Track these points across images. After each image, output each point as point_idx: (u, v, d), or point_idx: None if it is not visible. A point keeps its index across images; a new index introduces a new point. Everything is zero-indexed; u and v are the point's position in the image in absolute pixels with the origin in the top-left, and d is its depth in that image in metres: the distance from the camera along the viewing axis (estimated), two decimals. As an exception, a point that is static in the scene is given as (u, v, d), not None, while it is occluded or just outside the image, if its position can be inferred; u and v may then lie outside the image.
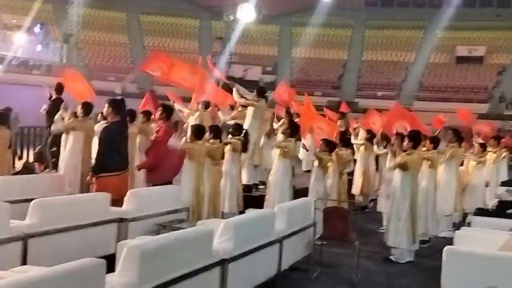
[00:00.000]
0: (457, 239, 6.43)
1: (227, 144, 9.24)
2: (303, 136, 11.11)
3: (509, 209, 9.37)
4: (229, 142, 9.32)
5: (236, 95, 11.21)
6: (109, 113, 7.91)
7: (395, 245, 8.32)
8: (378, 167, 11.86)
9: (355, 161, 12.08)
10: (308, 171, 10.72)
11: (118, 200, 7.15)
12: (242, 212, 8.86)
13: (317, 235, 7.63)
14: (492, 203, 10.77)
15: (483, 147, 11.99)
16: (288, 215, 6.85)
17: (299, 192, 9.71)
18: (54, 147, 10.55)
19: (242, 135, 9.54)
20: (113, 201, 6.98)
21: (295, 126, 9.92)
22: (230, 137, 9.59)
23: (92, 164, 8.39)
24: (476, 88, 33.96)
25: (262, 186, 10.91)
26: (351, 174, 11.77)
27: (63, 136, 9.46)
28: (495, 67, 35.34)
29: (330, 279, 7.36)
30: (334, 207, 8.41)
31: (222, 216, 8.83)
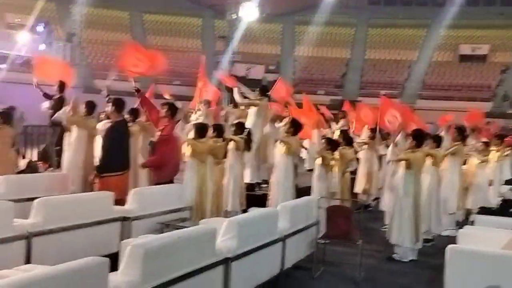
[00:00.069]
0: (460, 237, 6.43)
1: (230, 141, 9.24)
2: (308, 137, 11.10)
3: (512, 207, 9.36)
4: (232, 138, 9.31)
5: (237, 96, 11.19)
6: (112, 112, 7.93)
7: (398, 243, 8.32)
8: (381, 166, 11.88)
9: (357, 160, 12.07)
10: (311, 170, 10.70)
11: (120, 200, 7.16)
12: (245, 211, 8.87)
13: (320, 234, 7.64)
14: (496, 202, 10.75)
15: (487, 145, 11.97)
16: (291, 214, 6.85)
17: (302, 191, 9.70)
18: (57, 146, 10.58)
19: (245, 134, 9.53)
20: (115, 200, 6.99)
21: (297, 125, 9.91)
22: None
23: (95, 163, 8.40)
24: (479, 86, 33.91)
25: (265, 185, 10.92)
26: (354, 173, 11.76)
27: (66, 135, 9.48)
28: (498, 65, 35.26)
29: (333, 277, 7.36)
30: (337, 205, 8.40)
31: (225, 215, 8.85)
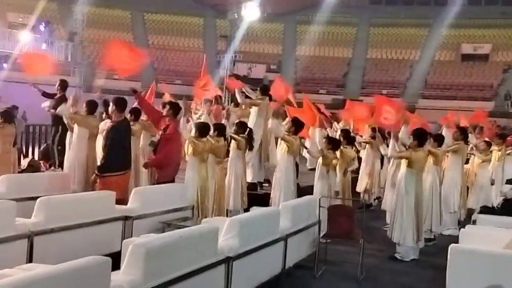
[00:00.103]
0: (462, 237, 6.41)
1: (232, 139, 9.24)
2: (305, 135, 11.08)
3: (514, 207, 9.33)
4: (234, 137, 9.31)
5: (239, 95, 11.19)
6: (113, 111, 7.93)
7: (400, 242, 8.32)
8: (383, 166, 11.89)
9: (359, 159, 12.07)
10: (313, 169, 10.70)
11: (121, 199, 7.15)
12: (246, 210, 8.87)
13: (322, 233, 7.63)
14: (498, 201, 10.73)
15: (488, 145, 11.95)
16: (292, 213, 6.86)
17: (304, 190, 9.71)
18: (59, 145, 10.59)
19: (246, 133, 9.53)
20: (116, 200, 6.98)
21: (299, 124, 9.90)
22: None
23: (97, 163, 8.40)
24: (481, 86, 33.87)
25: (266, 184, 10.92)
26: (355, 172, 11.75)
27: (68, 134, 9.48)
28: (500, 65, 35.22)
29: (334, 277, 7.37)
30: (339, 205, 8.41)
31: (227, 214, 8.85)
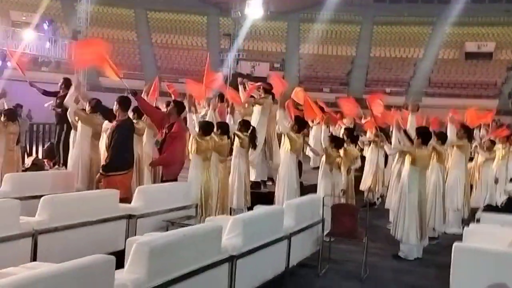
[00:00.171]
0: (466, 235, 6.40)
1: (235, 136, 9.25)
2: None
3: (518, 205, 9.34)
4: (238, 134, 9.32)
5: (242, 94, 11.19)
6: (117, 110, 7.93)
7: (403, 240, 8.31)
8: (387, 164, 11.86)
9: (362, 158, 12.06)
10: (316, 168, 10.70)
11: (124, 198, 7.16)
12: (250, 208, 8.87)
13: (325, 232, 7.63)
14: (502, 200, 10.73)
15: (492, 143, 11.94)
16: (296, 212, 6.85)
17: (308, 189, 9.70)
18: (63, 144, 10.59)
19: (249, 132, 9.53)
20: (120, 199, 6.98)
21: (302, 122, 9.90)
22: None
23: (101, 161, 8.40)
24: (485, 84, 33.82)
25: (270, 183, 10.92)
26: (359, 170, 11.74)
27: (72, 132, 9.48)
28: (504, 63, 35.16)
29: (338, 275, 7.36)
30: (342, 203, 8.40)
31: (230, 212, 8.86)
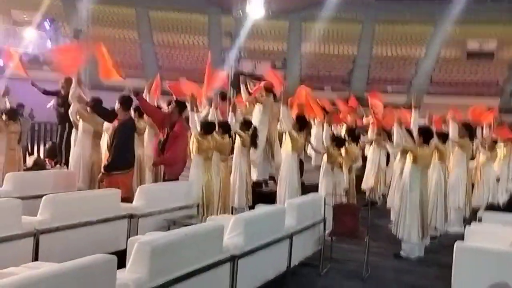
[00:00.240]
0: (467, 234, 6.40)
1: (236, 135, 9.24)
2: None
3: (520, 204, 9.33)
4: (239, 133, 9.32)
5: (244, 93, 11.19)
6: (118, 110, 7.94)
7: (405, 239, 8.30)
8: (389, 163, 11.86)
9: (364, 157, 12.07)
10: (318, 167, 10.70)
11: (125, 198, 7.17)
12: (252, 207, 8.88)
13: (327, 231, 7.63)
14: (503, 199, 10.72)
15: (494, 142, 11.93)
16: (298, 211, 6.85)
17: (309, 188, 9.70)
18: (65, 143, 10.61)
19: (250, 131, 9.53)
20: (121, 199, 6.99)
21: (303, 121, 9.90)
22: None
23: (102, 160, 8.41)
24: (487, 82, 33.74)
25: (272, 182, 10.92)
26: (361, 170, 11.74)
27: (73, 132, 9.50)
28: (506, 61, 35.08)
29: (339, 274, 7.36)
30: (344, 203, 8.40)
31: (232, 211, 8.86)
